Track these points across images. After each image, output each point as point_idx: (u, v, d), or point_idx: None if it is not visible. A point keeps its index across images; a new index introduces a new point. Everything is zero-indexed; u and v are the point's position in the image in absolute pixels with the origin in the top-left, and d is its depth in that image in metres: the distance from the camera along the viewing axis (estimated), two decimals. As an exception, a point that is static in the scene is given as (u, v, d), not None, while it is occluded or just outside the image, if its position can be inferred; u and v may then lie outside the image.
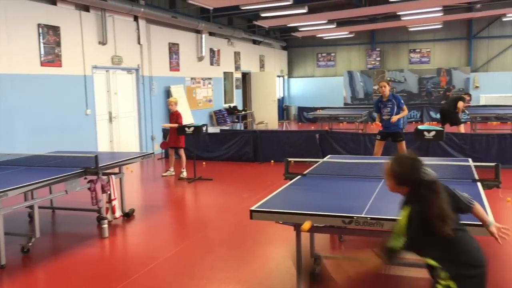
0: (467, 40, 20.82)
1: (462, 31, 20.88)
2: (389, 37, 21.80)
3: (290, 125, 19.66)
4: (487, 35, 20.55)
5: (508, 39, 20.29)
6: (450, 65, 20.98)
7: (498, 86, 20.16)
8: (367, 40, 22.21)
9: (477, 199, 3.68)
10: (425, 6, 14.21)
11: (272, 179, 8.41)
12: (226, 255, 5.04)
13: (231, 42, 17.23)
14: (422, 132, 7.58)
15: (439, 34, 21.09)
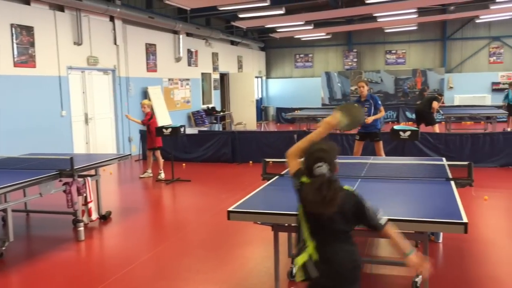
0: (441, 42, 21.20)
1: (437, 33, 21.26)
2: (366, 38, 22.05)
3: (268, 125, 19.71)
4: (461, 36, 20.97)
5: (481, 41, 20.74)
6: (425, 66, 21.33)
7: (471, 87, 20.59)
8: (344, 41, 22.42)
9: (451, 197, 3.77)
10: (400, 8, 14.42)
11: (251, 180, 8.41)
12: (204, 256, 5.02)
13: (209, 43, 17.18)
14: (398, 132, 7.67)
15: (414, 35, 21.43)
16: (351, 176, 4.86)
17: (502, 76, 20.55)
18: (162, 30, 14.23)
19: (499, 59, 20.70)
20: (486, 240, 5.27)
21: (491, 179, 8.45)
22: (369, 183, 4.57)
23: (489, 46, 20.70)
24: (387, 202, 3.92)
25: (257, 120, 19.33)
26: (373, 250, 5.11)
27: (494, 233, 5.55)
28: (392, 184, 4.52)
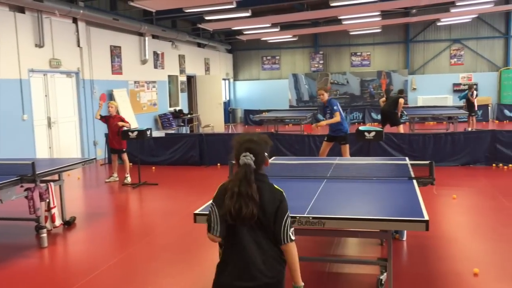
0: (405, 44, 21.70)
1: (400, 35, 21.74)
2: (332, 40, 22.35)
3: (236, 128, 19.71)
4: (423, 39, 21.51)
5: (443, 43, 21.33)
6: (389, 68, 21.78)
7: (434, 88, 21.15)
8: (311, 44, 22.66)
9: (413, 196, 3.86)
10: (364, 10, 14.68)
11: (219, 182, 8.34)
12: (172, 260, 4.98)
13: (175, 45, 17.06)
14: (363, 132, 7.80)
15: (378, 38, 21.85)
16: (317, 176, 4.92)
17: (462, 78, 21.18)
18: (127, 32, 14.05)
19: (459, 60, 21.33)
20: (448, 237, 5.41)
21: (453, 178, 8.69)
22: (334, 183, 4.63)
23: (450, 48, 21.31)
24: (352, 202, 3.99)
25: (225, 122, 19.31)
26: (339, 250, 5.17)
27: (456, 230, 5.71)
28: (357, 184, 4.59)
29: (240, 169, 2.45)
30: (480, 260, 4.69)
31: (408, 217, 3.27)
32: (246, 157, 2.44)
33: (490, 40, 20.85)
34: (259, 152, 2.50)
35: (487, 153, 9.73)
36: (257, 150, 2.48)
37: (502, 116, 18.56)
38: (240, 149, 2.49)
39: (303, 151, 10.29)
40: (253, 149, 2.47)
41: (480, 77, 20.98)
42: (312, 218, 3.35)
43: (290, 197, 4.12)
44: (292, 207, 3.67)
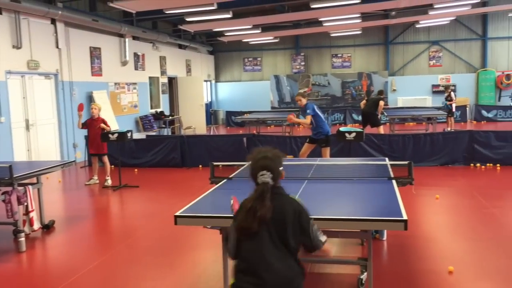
0: (384, 46, 21.94)
1: (380, 37, 21.98)
2: (313, 42, 22.49)
3: (218, 129, 19.68)
4: (402, 41, 21.78)
5: (422, 45, 21.63)
6: (369, 69, 22.00)
7: (413, 89, 21.43)
8: (292, 45, 22.76)
9: (392, 196, 3.90)
10: (345, 12, 14.81)
11: (200, 184, 8.34)
12: (153, 263, 4.95)
13: (156, 46, 16.97)
14: (344, 133, 7.86)
15: (358, 39, 22.06)
16: (297, 177, 4.93)
17: (441, 79, 21.51)
18: (107, 33, 13.92)
19: (438, 62, 21.66)
20: (428, 236, 5.49)
21: (432, 178, 8.82)
22: (315, 184, 4.66)
23: (429, 50, 21.62)
24: (332, 203, 4.01)
25: (206, 124, 19.26)
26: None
27: (435, 230, 5.79)
28: (337, 185, 4.62)
29: (258, 187, 2.51)
30: (458, 259, 4.77)
31: (387, 217, 3.30)
32: (263, 176, 2.50)
33: (467, 42, 21.22)
34: (275, 168, 2.54)
35: (465, 153, 9.89)
36: (272, 167, 2.53)
37: (479, 117, 18.88)
38: (256, 167, 2.54)
39: (285, 152, 10.32)
40: (268, 166, 2.53)
41: (458, 78, 21.34)
42: (292, 219, 3.35)
43: (271, 198, 4.15)
44: (273, 208, 3.70)
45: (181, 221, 3.57)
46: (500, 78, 20.65)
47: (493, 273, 4.38)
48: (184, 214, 3.62)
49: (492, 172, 9.18)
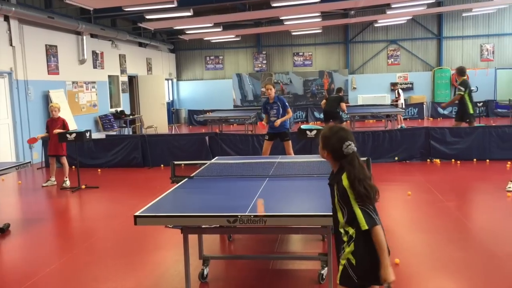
0: (344, 45, 22.30)
1: (340, 36, 22.32)
2: (274, 40, 22.62)
3: (180, 128, 19.51)
4: (362, 39, 22.20)
5: (380, 44, 22.11)
6: (330, 68, 22.31)
7: (373, 87, 21.89)
8: (254, 44, 22.81)
9: (351, 191, 3.97)
10: (305, 11, 14.96)
11: (162, 184, 8.26)
12: (113, 264, 4.86)
13: (115, 44, 16.65)
14: (305, 131, 7.95)
15: (319, 38, 22.34)
16: (259, 175, 4.96)
17: (399, 77, 22.06)
18: (64, 30, 13.55)
19: (396, 61, 22.20)
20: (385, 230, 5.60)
21: (390, 173, 9.04)
22: (277, 181, 4.70)
23: (387, 49, 22.13)
24: (293, 199, 4.06)
25: (168, 123, 19.06)
26: (283, 247, 5.25)
27: (392, 223, 5.94)
28: (298, 182, 4.68)
29: (352, 155, 2.60)
30: (413, 251, 4.91)
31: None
32: (351, 146, 2.61)
33: (424, 41, 21.84)
34: (353, 139, 2.65)
35: (422, 149, 10.18)
36: (352, 137, 2.65)
37: (436, 114, 19.47)
38: (339, 139, 2.61)
39: (247, 151, 10.35)
40: (349, 136, 2.63)
41: (415, 76, 21.94)
42: (253, 216, 3.38)
43: (232, 197, 4.16)
44: (234, 206, 3.71)
45: (141, 221, 3.53)
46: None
47: (446, 264, 4.54)
48: (144, 214, 3.57)
49: (447, 167, 9.49)
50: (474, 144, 9.96)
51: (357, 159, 2.60)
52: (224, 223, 3.51)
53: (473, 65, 21.59)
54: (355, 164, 2.58)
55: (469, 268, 4.43)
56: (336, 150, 2.63)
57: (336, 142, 2.63)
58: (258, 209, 3.57)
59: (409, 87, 21.93)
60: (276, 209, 3.67)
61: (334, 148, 2.64)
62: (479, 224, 5.74)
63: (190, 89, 23.43)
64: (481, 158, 9.81)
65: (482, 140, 9.96)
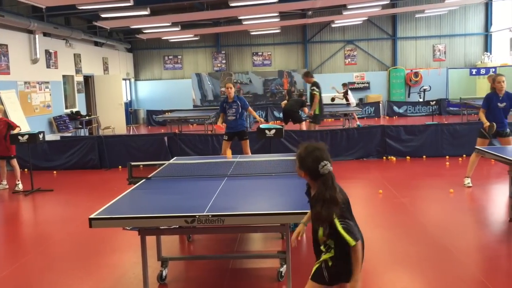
0: (303, 44, 22.54)
1: (298, 36, 22.55)
2: (233, 40, 22.61)
3: (138, 129, 19.21)
4: (319, 40, 22.51)
5: (337, 44, 22.47)
6: (289, 67, 22.50)
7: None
8: (213, 43, 22.72)
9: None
10: (263, 11, 15.02)
11: (120, 185, 8.08)
12: (69, 268, 4.74)
13: (69, 43, 16.20)
14: (264, 130, 7.99)
15: (278, 38, 22.49)
16: (218, 175, 4.95)
17: (356, 76, 22.49)
18: (15, 29, 13.06)
19: (353, 60, 22.63)
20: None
21: (348, 171, 9.21)
22: (235, 181, 4.70)
23: (344, 49, 22.52)
24: (251, 198, 4.07)
25: (126, 123, 18.71)
26: (243, 246, 5.26)
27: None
28: (257, 181, 4.70)
29: (328, 175, 2.62)
30: (370, 247, 5.02)
31: (301, 210, 3.41)
32: (327, 166, 2.63)
33: (379, 42, 22.36)
34: (329, 157, 2.67)
35: (378, 147, 10.42)
36: (328, 156, 2.66)
37: (391, 112, 19.97)
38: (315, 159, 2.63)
39: (207, 150, 10.31)
40: (324, 156, 2.65)
41: (371, 76, 22.43)
42: (211, 216, 3.37)
43: (190, 197, 4.13)
44: (192, 206, 3.69)
45: (96, 224, 3.46)
46: (409, 76, 21.97)
47: (402, 258, 4.67)
48: (100, 216, 3.50)
49: (402, 164, 9.76)
50: (428, 141, 10.28)
51: (331, 180, 2.63)
52: (182, 224, 3.48)
53: (426, 65, 22.30)
54: (328, 185, 2.62)
55: (423, 261, 4.57)
56: (312, 170, 2.65)
57: (312, 162, 2.64)
58: (216, 209, 3.56)
59: (365, 87, 22.40)
60: (235, 208, 3.67)
61: (310, 168, 2.66)
62: (431, 219, 5.93)
63: (148, 89, 23.09)
64: (434, 155, 10.13)
65: (435, 137, 10.29)
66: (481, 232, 5.46)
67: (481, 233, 5.41)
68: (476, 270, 4.32)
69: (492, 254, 4.73)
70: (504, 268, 4.46)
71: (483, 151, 6.22)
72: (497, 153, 5.81)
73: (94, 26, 17.01)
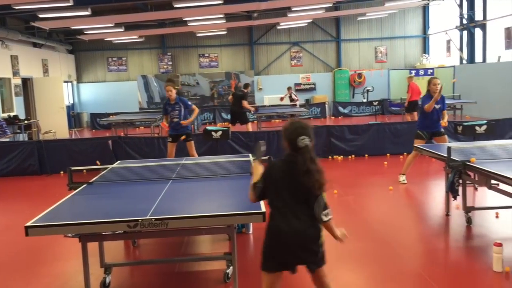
0: (249, 46, 22.66)
1: (244, 38, 22.64)
2: (179, 42, 22.39)
3: (82, 133, 18.64)
4: (266, 41, 22.70)
5: (283, 45, 22.76)
6: (236, 69, 22.55)
7: (278, 88, 22.38)
8: (158, 45, 22.40)
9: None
10: (208, 13, 14.97)
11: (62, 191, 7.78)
12: (6, 280, 4.52)
13: (5, 44, 15.47)
14: (210, 132, 7.97)
15: (224, 40, 22.48)
16: (163, 178, 4.89)
17: (302, 78, 22.87)
18: None
19: (299, 62, 22.99)
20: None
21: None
22: (181, 183, 4.66)
23: (290, 51, 22.84)
24: (196, 200, 4.04)
25: (69, 127, 18.09)
26: (189, 249, 5.21)
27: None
28: (202, 183, 4.67)
29: (303, 149, 2.89)
30: (317, 244, 5.12)
31: (246, 211, 3.42)
32: (304, 140, 2.90)
33: (324, 43, 22.84)
34: (310, 135, 2.95)
35: (324, 147, 10.62)
36: (309, 132, 2.94)
37: (337, 113, 20.43)
38: (295, 133, 2.92)
39: (153, 153, 10.13)
40: (306, 132, 2.93)
41: (317, 77, 22.88)
42: (154, 219, 3.32)
43: (133, 201, 4.05)
44: (135, 210, 3.62)
45: (33, 232, 3.33)
46: (353, 77, 22.58)
47: (346, 255, 4.79)
48: (37, 224, 3.37)
49: (346, 163, 10.00)
50: (370, 140, 10.59)
51: (308, 153, 2.89)
52: (125, 229, 3.41)
53: (369, 66, 23.01)
54: (306, 157, 2.88)
55: (366, 256, 4.71)
56: (291, 142, 2.93)
57: (291, 135, 2.94)
58: (160, 212, 3.51)
59: (311, 88, 22.82)
60: (179, 211, 3.63)
61: (290, 140, 2.95)
62: (374, 216, 6.12)
63: (92, 91, 22.43)
64: (377, 153, 10.45)
65: (377, 136, 10.62)
66: (420, 226, 5.70)
67: (420, 228, 5.64)
68: (415, 263, 4.49)
69: (430, 248, 4.94)
70: (441, 261, 4.67)
71: (421, 149, 6.49)
72: (433, 151, 6.08)
73: (32, 27, 16.34)
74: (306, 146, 2.90)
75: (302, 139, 2.90)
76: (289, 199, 2.94)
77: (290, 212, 2.92)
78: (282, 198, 2.95)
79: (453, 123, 9.41)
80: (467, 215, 5.50)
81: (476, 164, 4.97)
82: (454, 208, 6.02)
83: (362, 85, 22.38)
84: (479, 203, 6.39)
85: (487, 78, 16.77)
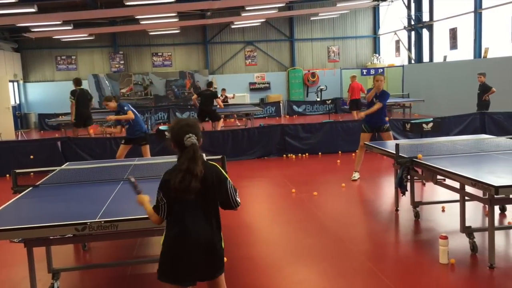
0: (203, 45, 22.54)
1: (198, 37, 22.50)
2: (131, 40, 21.98)
3: (29, 134, 17.96)
4: (220, 40, 22.65)
5: (238, 45, 22.78)
6: (190, 68, 22.37)
7: (233, 87, 22.37)
8: (109, 43, 21.91)
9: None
10: (161, 11, 14.77)
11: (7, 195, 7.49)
12: None
13: None
14: (163, 132, 7.86)
15: (178, 38, 22.26)
16: (113, 179, 4.77)
17: (257, 77, 22.97)
18: None
19: (253, 61, 23.08)
20: (246, 224, 5.81)
21: (250, 170, 9.35)
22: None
23: (245, 50, 22.89)
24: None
25: (15, 128, 17.38)
26: (142, 250, 5.12)
27: (252, 218, 6.15)
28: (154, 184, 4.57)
29: (189, 148, 2.75)
30: (269, 243, 5.16)
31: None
32: (191, 138, 2.77)
33: (278, 43, 23.03)
34: (198, 132, 2.83)
35: (278, 146, 10.71)
36: (196, 130, 2.82)
37: (292, 112, 20.64)
38: (181, 132, 2.78)
39: (105, 154, 9.88)
40: (192, 130, 2.81)
41: (271, 76, 23.04)
42: (104, 222, 3.24)
43: (82, 203, 3.94)
44: (84, 213, 3.51)
45: (-27, 240, 3.16)
46: (307, 76, 22.89)
47: (300, 251, 4.84)
48: (-22, 231, 3.21)
49: (300, 161, 10.12)
50: (324, 138, 10.76)
51: (192, 152, 2.75)
52: (73, 232, 3.31)
53: (322, 66, 23.40)
54: (187, 156, 2.75)
55: (319, 253, 4.78)
56: (178, 141, 2.81)
57: (178, 134, 2.81)
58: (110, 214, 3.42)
59: (266, 87, 22.96)
60: (129, 213, 3.56)
61: (177, 139, 2.83)
62: (327, 212, 6.22)
63: (39, 91, 21.65)
64: (330, 151, 10.63)
65: (330, 134, 10.81)
66: (371, 222, 5.84)
67: (371, 223, 5.78)
68: (366, 258, 4.60)
69: (380, 242, 5.07)
70: (391, 255, 4.81)
71: (370, 146, 6.64)
72: (382, 148, 6.24)
73: (-26, 23, 15.59)
74: (192, 144, 2.77)
75: (189, 137, 2.78)
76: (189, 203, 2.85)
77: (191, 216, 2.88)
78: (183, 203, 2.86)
79: (401, 121, 9.72)
80: (415, 209, 5.69)
81: (422, 160, 5.14)
82: (403, 203, 6.20)
83: (315, 84, 22.72)
84: (427, 198, 6.62)
85: (434, 77, 17.42)
